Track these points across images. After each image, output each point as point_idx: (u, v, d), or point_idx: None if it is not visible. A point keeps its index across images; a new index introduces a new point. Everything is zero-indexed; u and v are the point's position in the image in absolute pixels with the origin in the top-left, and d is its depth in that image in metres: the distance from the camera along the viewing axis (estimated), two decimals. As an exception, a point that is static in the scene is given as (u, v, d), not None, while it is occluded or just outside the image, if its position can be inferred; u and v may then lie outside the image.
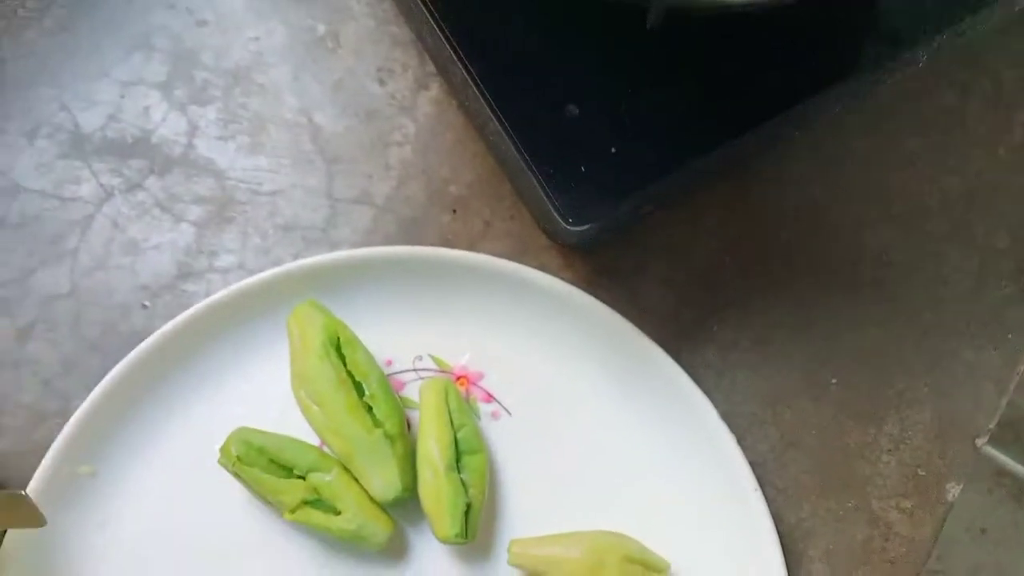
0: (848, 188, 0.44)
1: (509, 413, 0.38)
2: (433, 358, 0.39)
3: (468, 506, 0.35)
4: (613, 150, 0.37)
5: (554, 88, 0.38)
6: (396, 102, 0.44)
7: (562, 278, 0.40)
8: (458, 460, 0.36)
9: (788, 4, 0.35)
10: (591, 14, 0.38)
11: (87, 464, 0.36)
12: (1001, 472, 0.39)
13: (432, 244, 0.42)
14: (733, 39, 0.39)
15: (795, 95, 0.40)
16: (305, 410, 0.36)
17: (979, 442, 0.40)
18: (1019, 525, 0.38)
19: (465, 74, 0.38)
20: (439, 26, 0.38)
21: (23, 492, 0.34)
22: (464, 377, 0.39)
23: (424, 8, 0.39)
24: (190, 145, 0.43)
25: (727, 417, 0.39)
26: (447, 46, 0.38)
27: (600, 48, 0.38)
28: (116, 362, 0.37)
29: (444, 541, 0.35)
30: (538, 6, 0.39)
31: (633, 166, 0.37)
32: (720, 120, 0.38)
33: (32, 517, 0.33)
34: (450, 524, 0.34)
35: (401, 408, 0.37)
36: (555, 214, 0.37)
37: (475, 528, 0.35)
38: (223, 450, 0.35)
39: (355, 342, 0.37)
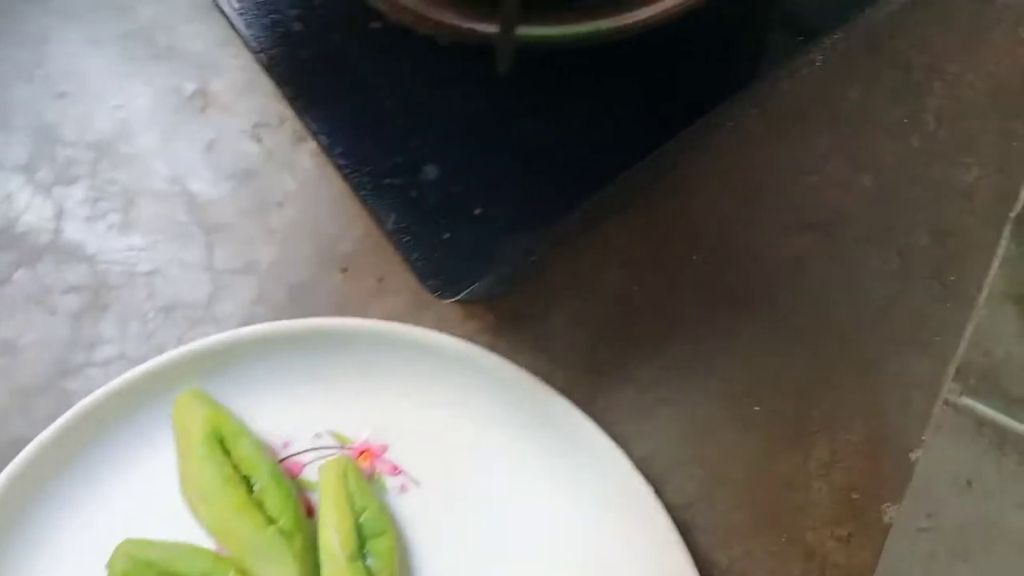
0: (759, 199, 0.42)
1: (417, 484, 0.36)
2: (333, 434, 0.37)
3: (375, 596, 0.33)
4: (478, 211, 0.34)
5: (408, 150, 0.35)
6: (274, 159, 0.41)
7: (463, 330, 0.38)
8: (363, 545, 0.34)
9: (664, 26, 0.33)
10: (438, 64, 0.35)
11: (-32, 595, 0.34)
12: (982, 422, 0.38)
13: (323, 309, 0.39)
14: (606, 65, 0.37)
15: (688, 114, 0.38)
16: (194, 511, 0.34)
17: (912, 455, 0.38)
18: (1003, 473, 0.37)
19: (315, 142, 0.35)
20: (281, 91, 0.36)
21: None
22: (367, 451, 0.37)
23: (267, 75, 0.36)
24: (58, 230, 0.40)
25: (650, 459, 0.37)
26: (292, 112, 0.36)
27: (453, 100, 0.36)
28: (-5, 478, 0.35)
29: (353, 637, 0.33)
30: (380, 62, 0.36)
31: (501, 226, 0.34)
32: (600, 160, 0.35)
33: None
34: (356, 620, 0.32)
35: (296, 499, 0.35)
36: (423, 287, 0.34)
37: (385, 619, 0.33)
38: (108, 567, 0.33)
39: (240, 433, 0.35)
